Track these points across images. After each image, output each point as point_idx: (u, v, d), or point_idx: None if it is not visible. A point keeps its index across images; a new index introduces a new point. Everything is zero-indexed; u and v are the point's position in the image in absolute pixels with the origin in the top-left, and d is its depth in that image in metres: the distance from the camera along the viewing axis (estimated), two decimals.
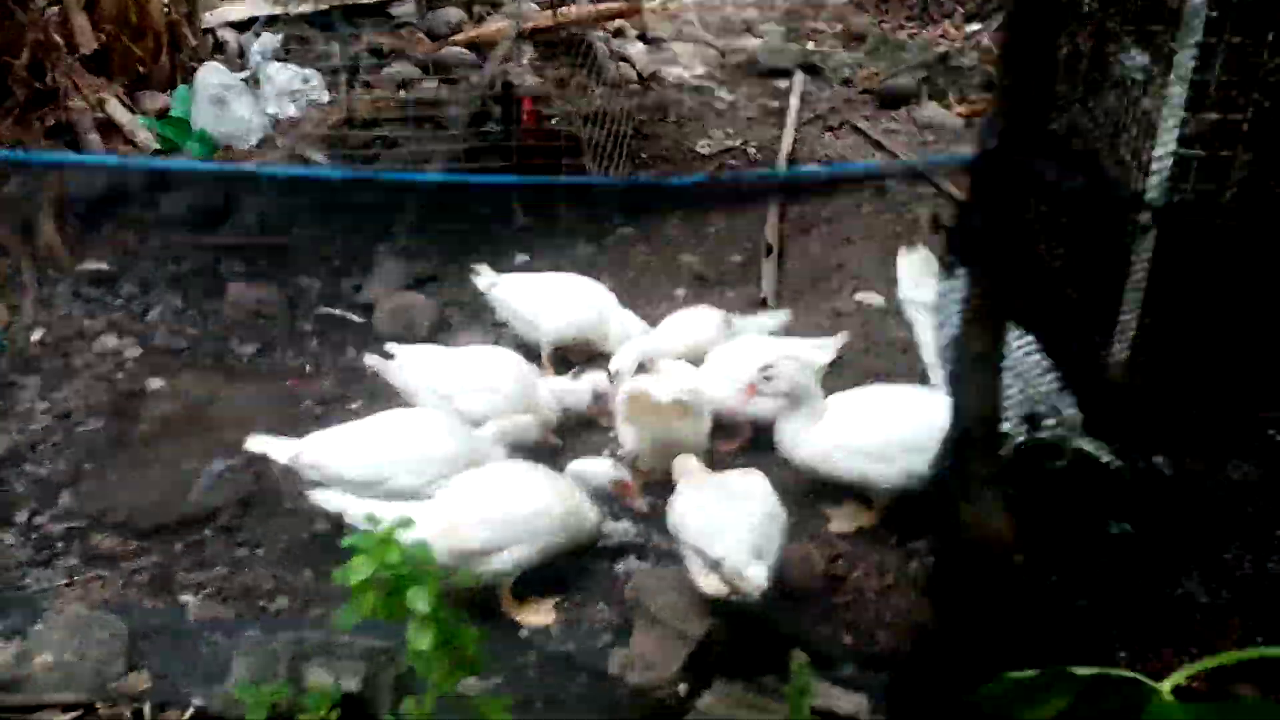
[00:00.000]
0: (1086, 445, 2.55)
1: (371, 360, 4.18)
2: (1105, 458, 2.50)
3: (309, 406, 4.57)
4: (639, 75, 7.64)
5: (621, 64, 7.52)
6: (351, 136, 6.76)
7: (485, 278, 4.84)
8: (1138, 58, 3.25)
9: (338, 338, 5.07)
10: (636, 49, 8.08)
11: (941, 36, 8.39)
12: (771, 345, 4.06)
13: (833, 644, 3.26)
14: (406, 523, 2.35)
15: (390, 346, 4.26)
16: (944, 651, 2.55)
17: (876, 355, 4.20)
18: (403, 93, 7.64)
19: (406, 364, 4.14)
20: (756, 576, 2.93)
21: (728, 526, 3.07)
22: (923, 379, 4.13)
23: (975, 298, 1.99)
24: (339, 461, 3.61)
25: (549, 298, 4.61)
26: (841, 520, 3.77)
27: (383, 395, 4.59)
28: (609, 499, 3.73)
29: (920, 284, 4.23)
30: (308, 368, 4.85)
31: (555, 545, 3.41)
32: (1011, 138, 1.81)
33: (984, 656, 2.35)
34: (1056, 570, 2.11)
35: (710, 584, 3.00)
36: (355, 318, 5.17)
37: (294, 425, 4.36)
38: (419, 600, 2.25)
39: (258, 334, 5.09)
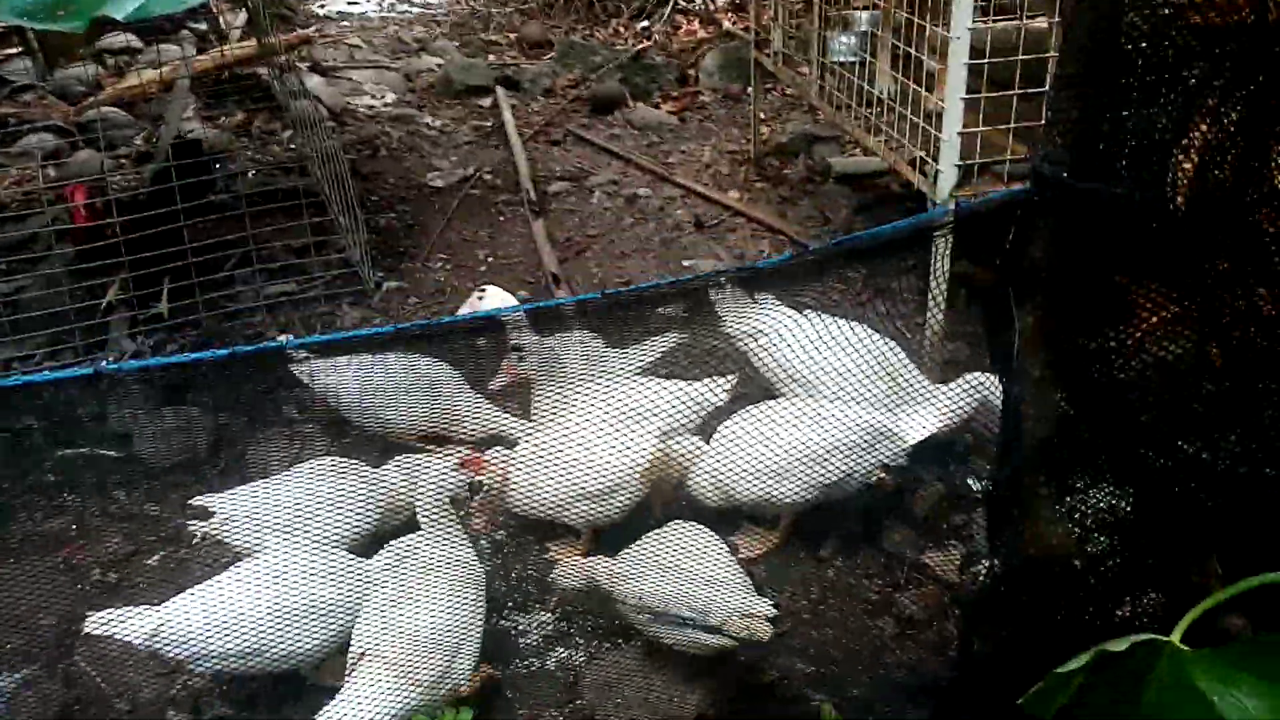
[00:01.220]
0: None
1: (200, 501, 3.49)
2: None
3: (97, 576, 3.73)
4: (330, 110, 7.02)
5: (310, 100, 6.87)
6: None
7: (299, 364, 3.68)
8: None
9: (93, 480, 4.18)
10: (315, 82, 7.41)
11: (614, 36, 8.50)
12: (655, 385, 3.84)
13: (801, 676, 3.20)
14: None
15: (203, 500, 3.50)
16: (990, 665, 2.56)
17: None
18: (51, 170, 6.49)
19: (229, 515, 3.46)
20: (764, 608, 2.82)
21: (718, 578, 2.91)
22: (768, 395, 4.12)
23: (1033, 327, 1.97)
24: (212, 629, 2.99)
25: (382, 381, 4.01)
26: (747, 547, 3.71)
27: (187, 540, 3.86)
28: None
29: (742, 314, 4.18)
30: (74, 527, 3.95)
31: (478, 632, 3.09)
32: (1075, 160, 1.77)
33: (1034, 662, 2.36)
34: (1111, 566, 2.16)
35: (716, 639, 2.83)
36: (108, 452, 4.28)
37: (91, 604, 3.56)
38: None
39: None
